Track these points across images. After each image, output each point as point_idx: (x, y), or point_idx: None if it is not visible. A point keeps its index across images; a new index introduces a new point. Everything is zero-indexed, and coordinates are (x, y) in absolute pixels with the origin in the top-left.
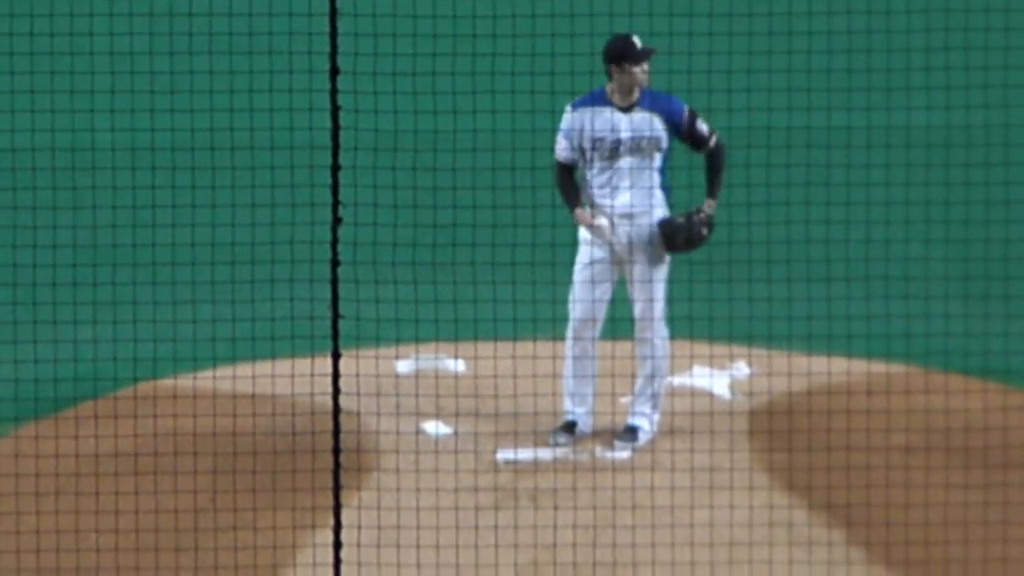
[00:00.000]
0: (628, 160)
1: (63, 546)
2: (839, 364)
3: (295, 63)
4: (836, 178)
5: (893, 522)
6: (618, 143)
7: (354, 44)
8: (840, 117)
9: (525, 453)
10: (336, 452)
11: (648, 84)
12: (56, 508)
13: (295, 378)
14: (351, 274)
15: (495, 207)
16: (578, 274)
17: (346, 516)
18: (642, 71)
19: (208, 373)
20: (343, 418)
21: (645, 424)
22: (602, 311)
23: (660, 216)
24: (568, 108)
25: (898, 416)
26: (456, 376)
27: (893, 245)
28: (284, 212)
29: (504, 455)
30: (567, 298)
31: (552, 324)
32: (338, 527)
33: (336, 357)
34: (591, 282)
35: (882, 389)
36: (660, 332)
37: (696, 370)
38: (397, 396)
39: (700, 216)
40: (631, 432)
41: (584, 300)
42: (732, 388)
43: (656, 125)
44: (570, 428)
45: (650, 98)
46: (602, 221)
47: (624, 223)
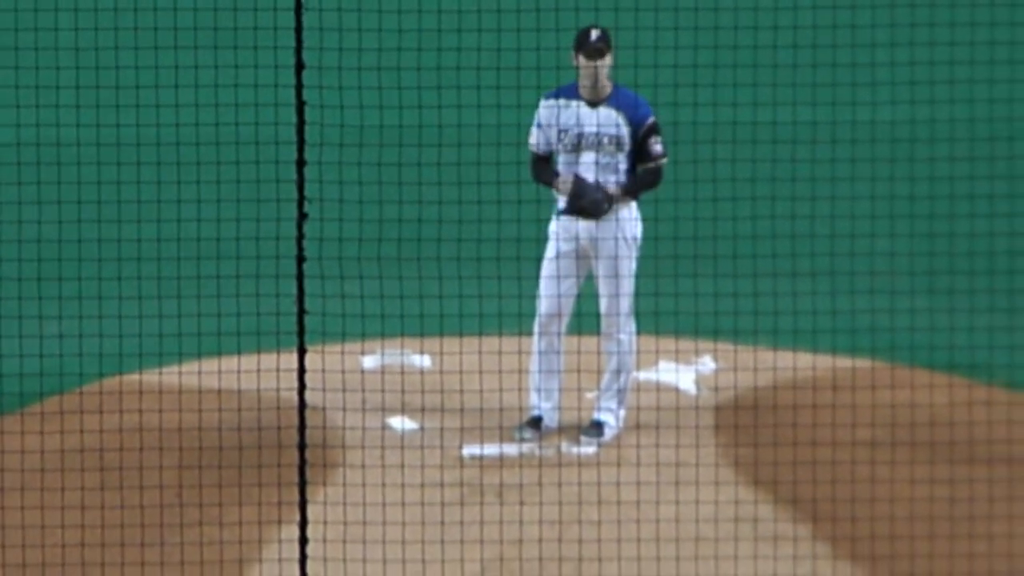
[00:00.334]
0: (591, 155)
1: (29, 542)
2: (805, 359)
3: (260, 58)
4: (802, 173)
5: (859, 517)
6: (581, 136)
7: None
8: (806, 112)
9: (491, 448)
10: (302, 448)
11: (605, 80)
12: (22, 504)
13: (261, 374)
14: (317, 270)
15: (461, 202)
16: (544, 269)
17: (312, 511)
18: (594, 65)
19: (174, 369)
20: (309, 414)
21: (611, 419)
22: (568, 306)
23: (627, 215)
24: (541, 99)
25: (864, 411)
26: (422, 371)
27: (859, 240)
28: (249, 208)
29: (470, 450)
30: (533, 293)
31: (518, 319)
32: (304, 522)
33: (302, 353)
34: (557, 277)
35: (848, 384)
36: (626, 328)
37: (662, 365)
38: (363, 392)
39: (607, 191)
40: (597, 427)
41: (550, 295)
42: (698, 383)
43: (621, 123)
44: (536, 423)
45: (620, 96)
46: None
47: (588, 219)
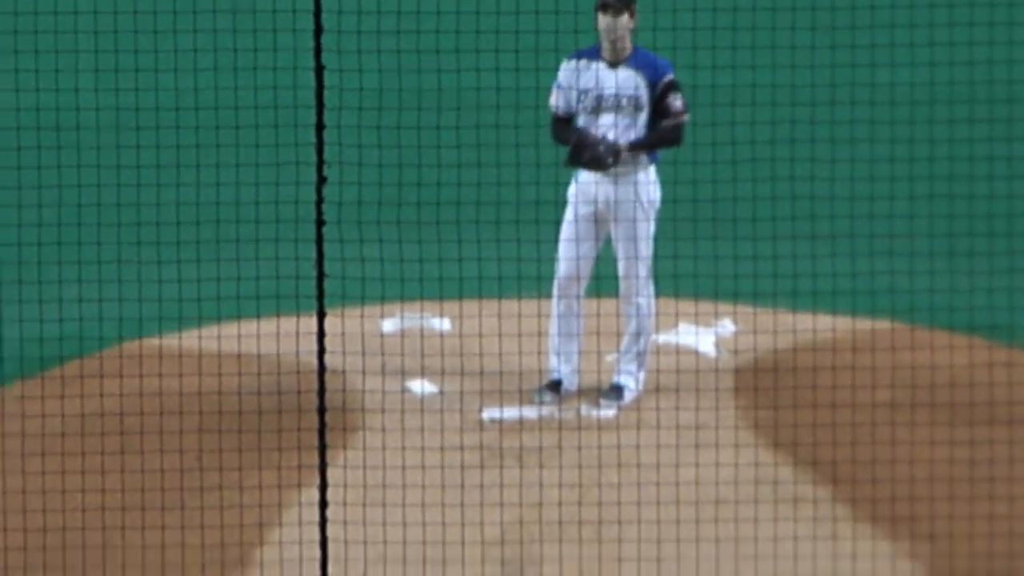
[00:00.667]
0: (610, 117)
1: (49, 506)
2: (824, 321)
3: (279, 22)
4: (821, 135)
5: (879, 479)
6: (600, 99)
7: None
8: (824, 74)
9: (511, 412)
10: (321, 411)
11: (626, 41)
12: (43, 468)
13: (280, 337)
14: (336, 233)
15: (480, 165)
16: (563, 232)
17: (332, 475)
18: (614, 23)
19: (194, 332)
20: (328, 377)
21: (631, 382)
22: (587, 269)
23: (644, 178)
24: (564, 61)
25: (883, 373)
26: (441, 335)
27: (878, 202)
28: (269, 171)
29: (490, 414)
30: (552, 256)
31: (537, 282)
32: (324, 486)
33: (321, 316)
34: (576, 240)
35: (867, 346)
36: (645, 290)
37: (682, 328)
38: (383, 355)
39: (612, 145)
40: (617, 390)
41: (569, 258)
42: (718, 346)
43: (640, 84)
44: (555, 386)
45: (640, 57)
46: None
47: (607, 181)
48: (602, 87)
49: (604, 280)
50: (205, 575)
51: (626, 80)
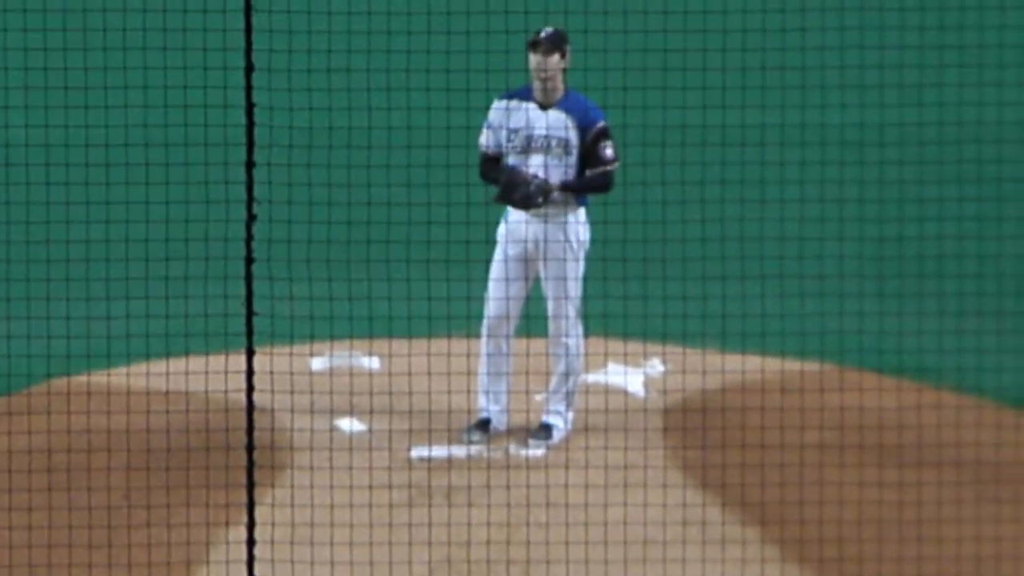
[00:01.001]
0: (540, 157)
1: None
2: (753, 362)
3: (210, 59)
4: (750, 175)
5: (807, 520)
6: (530, 139)
7: (269, 39)
8: (754, 115)
9: (439, 450)
10: (250, 449)
11: (558, 82)
12: None
13: (209, 375)
14: (265, 271)
15: (410, 204)
16: (493, 272)
17: (260, 513)
18: (544, 62)
19: (122, 370)
20: (257, 415)
21: (559, 422)
22: (516, 309)
23: (574, 219)
24: (494, 100)
25: (812, 414)
26: (370, 373)
27: (807, 243)
28: (198, 209)
29: (418, 452)
30: (482, 296)
31: (467, 322)
32: (252, 524)
33: (250, 354)
34: (505, 279)
35: (796, 387)
36: (574, 330)
37: (611, 367)
38: (311, 393)
39: (542, 184)
40: (545, 430)
41: (498, 298)
42: (647, 386)
43: (570, 126)
44: (484, 425)
45: (572, 100)
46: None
47: (536, 221)
48: (532, 127)
49: (534, 320)
50: None
51: (556, 121)
